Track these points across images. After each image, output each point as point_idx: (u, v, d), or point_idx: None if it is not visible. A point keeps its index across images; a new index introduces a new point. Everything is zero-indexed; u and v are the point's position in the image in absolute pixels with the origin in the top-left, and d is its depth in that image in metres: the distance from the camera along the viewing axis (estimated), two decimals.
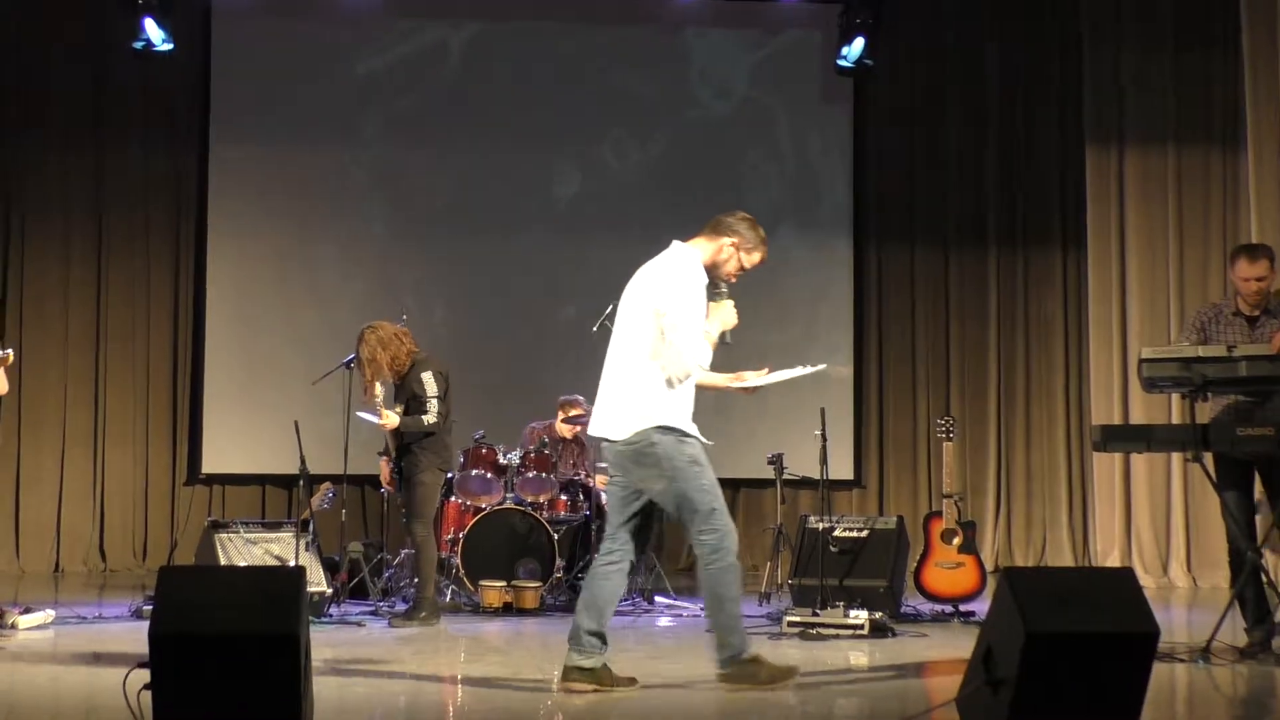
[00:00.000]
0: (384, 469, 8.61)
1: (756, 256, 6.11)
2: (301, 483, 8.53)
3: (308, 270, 11.25)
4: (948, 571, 8.28)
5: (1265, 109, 9.04)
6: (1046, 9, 11.36)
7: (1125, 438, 7.32)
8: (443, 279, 11.31)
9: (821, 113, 11.63)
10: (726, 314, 6.03)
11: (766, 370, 6.17)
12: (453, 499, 9.07)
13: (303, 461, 8.32)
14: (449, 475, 9.14)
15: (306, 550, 8.01)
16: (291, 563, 7.87)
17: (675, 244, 6.06)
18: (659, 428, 5.68)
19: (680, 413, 5.78)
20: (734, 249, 6.04)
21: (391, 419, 7.95)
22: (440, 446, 8.12)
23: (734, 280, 6.08)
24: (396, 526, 8.95)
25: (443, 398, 8.06)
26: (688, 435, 5.77)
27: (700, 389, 5.94)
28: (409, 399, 8.04)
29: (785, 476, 9.34)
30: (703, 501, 5.76)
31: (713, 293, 6.01)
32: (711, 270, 6.02)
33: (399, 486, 8.24)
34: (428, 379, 8.02)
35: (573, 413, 9.62)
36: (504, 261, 11.32)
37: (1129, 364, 10.34)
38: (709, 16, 11.53)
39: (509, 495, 8.99)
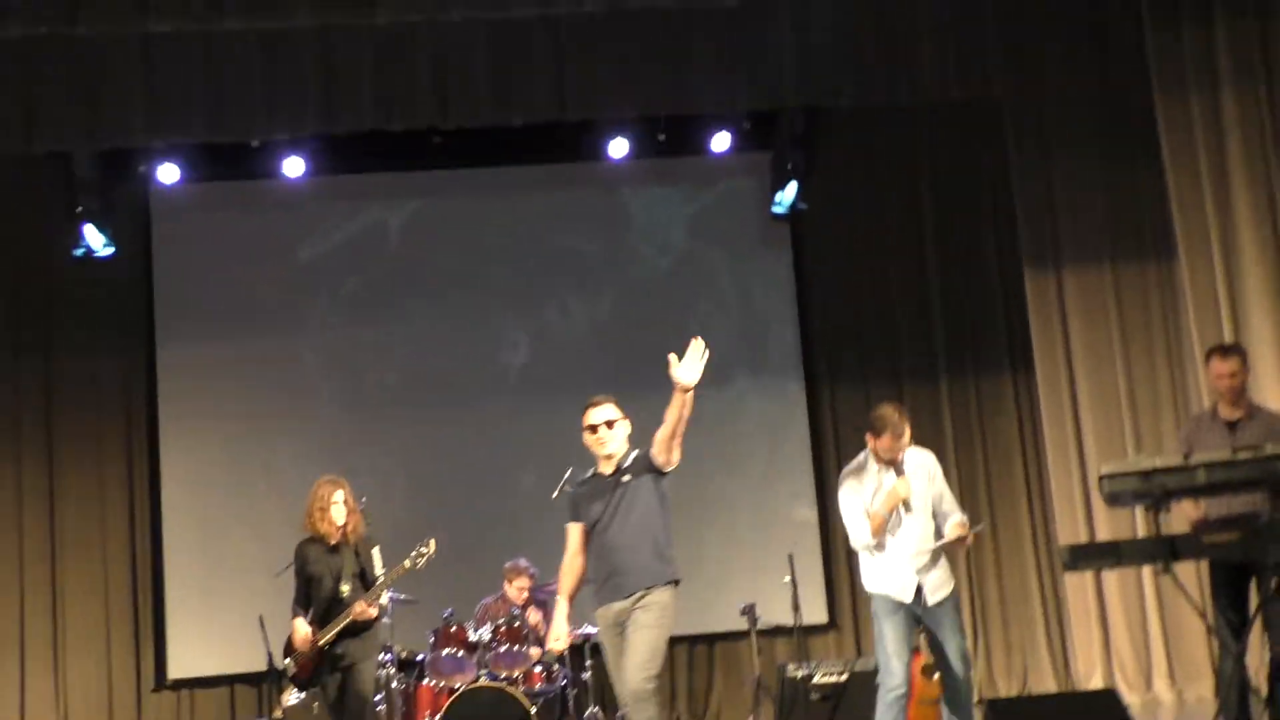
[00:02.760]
0: (306, 635, 7.72)
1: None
2: (270, 680, 8.33)
3: (264, 461, 11.18)
4: (931, 708, 8.17)
5: (1193, 217, 9.21)
6: (975, 138, 11.57)
7: (1094, 555, 7.27)
8: (400, 457, 11.26)
9: (762, 258, 11.76)
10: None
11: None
12: (425, 681, 8.93)
13: (270, 657, 8.17)
14: (420, 658, 9.03)
15: None
16: None
17: None
18: None
19: None
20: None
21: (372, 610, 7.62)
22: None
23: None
24: None
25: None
26: None
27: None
28: (357, 574, 7.73)
29: (759, 626, 9.27)
30: None
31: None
32: None
33: (319, 675, 7.67)
34: (377, 555, 7.78)
35: (524, 587, 9.56)
36: (460, 433, 11.30)
37: (1089, 480, 10.37)
38: (643, 174, 11.70)
39: (482, 672, 8.87)
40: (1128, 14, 9.38)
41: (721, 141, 11.38)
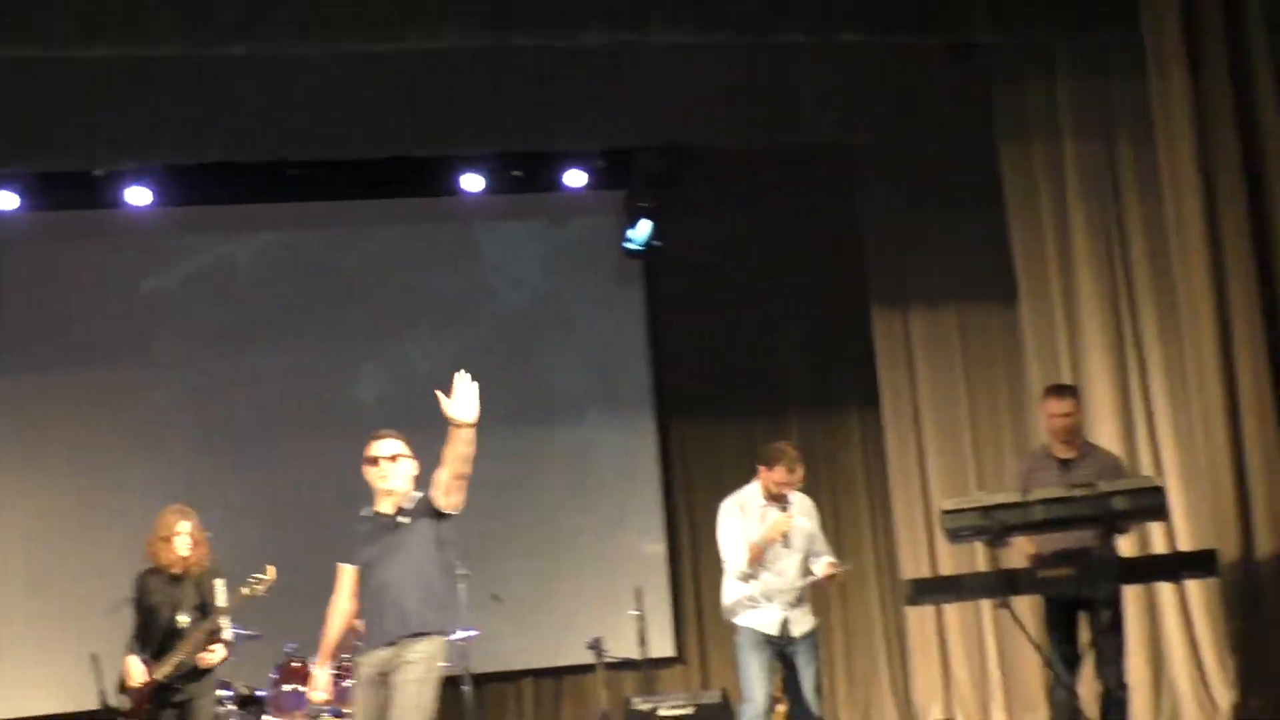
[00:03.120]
0: (140, 672, 7.52)
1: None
2: None
3: (107, 495, 10.89)
4: None
5: (1034, 264, 9.47)
6: (827, 181, 11.75)
7: (935, 590, 7.48)
8: (250, 491, 11.07)
9: (616, 295, 11.82)
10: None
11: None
12: (266, 718, 8.78)
13: (103, 695, 7.95)
14: (260, 694, 8.88)
15: None
16: None
17: None
18: None
19: None
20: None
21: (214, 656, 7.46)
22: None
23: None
24: None
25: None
26: None
27: None
28: (196, 605, 7.54)
29: (606, 659, 9.29)
30: None
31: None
32: None
33: (154, 713, 7.41)
34: (221, 587, 7.58)
35: None
36: (311, 469, 11.12)
37: (932, 515, 10.58)
38: (497, 210, 11.68)
39: (325, 710, 8.75)
40: (975, 67, 9.63)
41: (576, 178, 11.44)
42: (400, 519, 6.26)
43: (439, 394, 6.10)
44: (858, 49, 9.39)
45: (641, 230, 11.12)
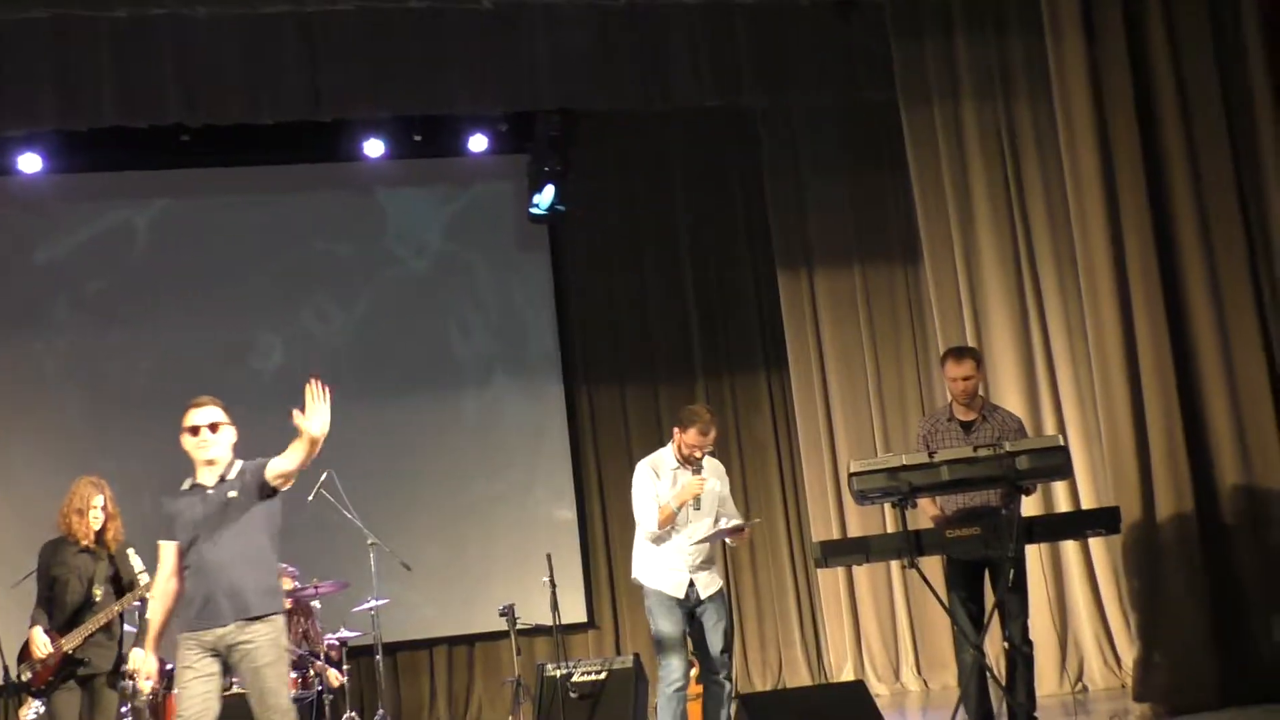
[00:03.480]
0: (45, 643, 7.25)
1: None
2: (8, 693, 7.96)
3: (2, 469, 10.69)
4: (692, 703, 8.27)
5: (936, 225, 9.50)
6: (729, 143, 11.77)
7: (844, 551, 7.50)
8: (148, 463, 10.86)
9: (520, 261, 11.76)
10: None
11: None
12: (175, 690, 8.65)
13: (3, 670, 7.79)
14: (170, 667, 8.76)
15: None
16: None
17: None
18: None
19: None
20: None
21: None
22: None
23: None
24: None
25: None
26: None
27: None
28: (110, 578, 7.35)
29: (518, 626, 9.27)
30: None
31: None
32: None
33: (54, 684, 7.20)
34: (134, 555, 7.39)
35: (286, 585, 9.38)
36: None
37: (841, 478, 10.64)
38: (399, 175, 11.57)
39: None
40: (873, 26, 9.64)
41: (478, 143, 11.35)
42: (230, 493, 5.96)
43: (295, 412, 5.84)
44: (743, 8, 9.40)
45: (546, 195, 11.05)
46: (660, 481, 7.22)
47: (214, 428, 6.18)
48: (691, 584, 7.17)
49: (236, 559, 5.83)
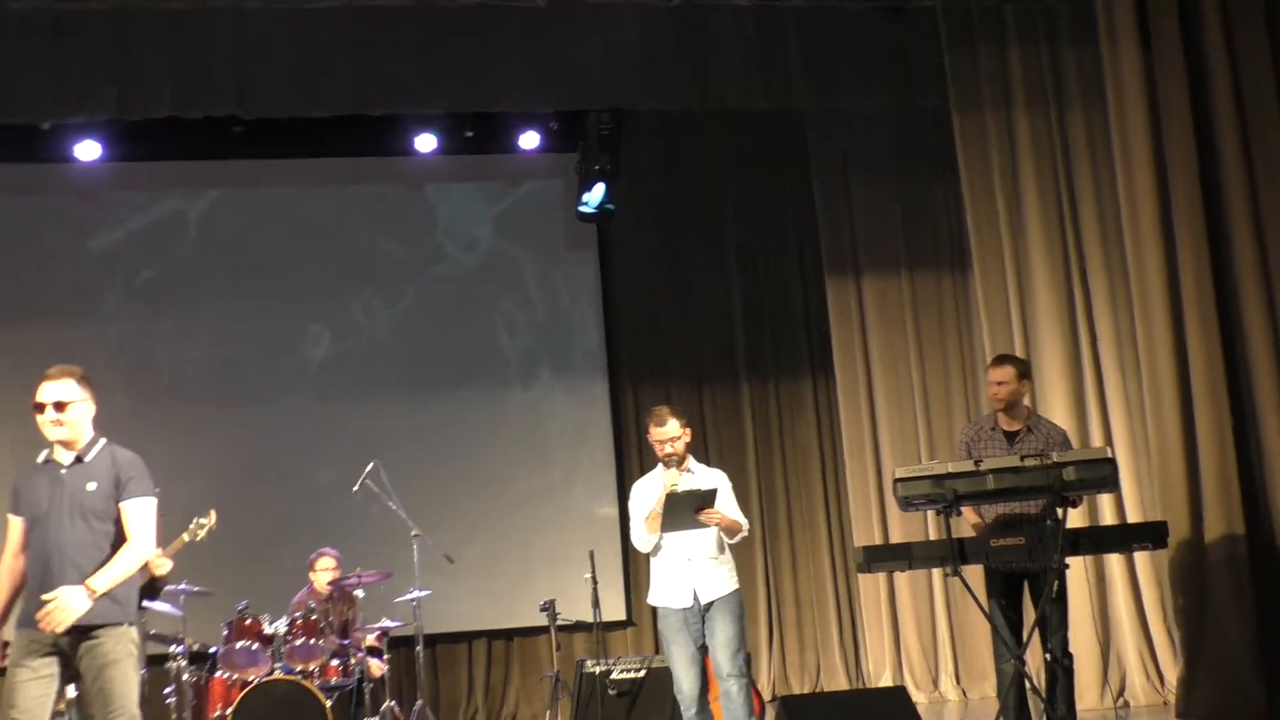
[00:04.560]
0: None
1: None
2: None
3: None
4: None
5: (987, 232, 9.47)
6: (779, 146, 11.76)
7: (887, 557, 7.47)
8: (196, 451, 10.98)
9: (568, 259, 11.78)
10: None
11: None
12: (217, 674, 8.75)
13: None
14: (212, 650, 8.84)
15: None
16: None
17: None
18: None
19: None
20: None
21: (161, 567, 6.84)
22: None
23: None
24: None
25: None
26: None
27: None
28: None
29: (558, 622, 9.29)
30: None
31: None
32: None
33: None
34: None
35: (329, 568, 9.46)
36: (258, 428, 11.09)
37: (885, 484, 10.61)
38: (449, 171, 11.61)
39: (277, 665, 8.73)
40: (923, 31, 9.62)
41: (529, 140, 11.37)
42: (89, 484, 5.54)
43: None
44: (795, 11, 9.39)
45: (595, 194, 11.07)
46: (651, 491, 6.93)
47: (60, 407, 5.56)
48: (696, 591, 6.77)
49: (88, 557, 5.42)
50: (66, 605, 5.26)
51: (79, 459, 5.58)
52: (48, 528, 5.44)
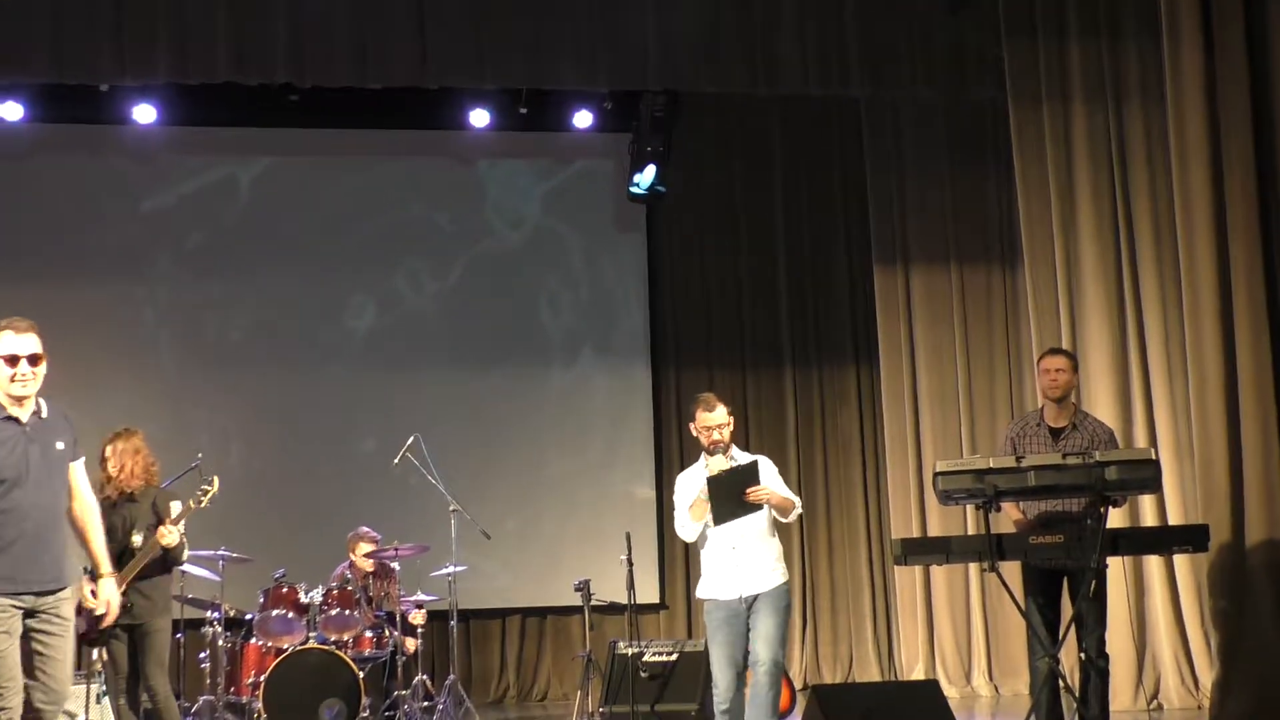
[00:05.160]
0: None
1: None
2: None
3: (96, 412, 10.84)
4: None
5: (1038, 228, 9.41)
6: (832, 134, 11.74)
7: (924, 550, 7.44)
8: (239, 416, 11.06)
9: (615, 239, 11.78)
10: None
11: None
12: (252, 641, 8.82)
13: None
14: (248, 617, 8.91)
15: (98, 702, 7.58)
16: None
17: None
18: None
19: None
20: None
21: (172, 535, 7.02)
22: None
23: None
24: None
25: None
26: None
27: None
28: (151, 525, 7.14)
29: (593, 602, 9.30)
30: None
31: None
32: None
33: (105, 633, 6.81)
34: (177, 507, 7.18)
35: (369, 548, 9.51)
36: (301, 396, 11.16)
37: (925, 477, 10.57)
38: (501, 147, 11.62)
39: (312, 634, 8.78)
40: (984, 23, 9.55)
41: (583, 119, 11.37)
42: (58, 443, 5.37)
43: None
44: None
45: (646, 175, 11.05)
46: (697, 484, 6.61)
47: (35, 360, 5.33)
48: (741, 582, 6.57)
49: (59, 517, 5.37)
50: (116, 599, 5.61)
51: (37, 415, 5.36)
52: (26, 489, 5.23)
